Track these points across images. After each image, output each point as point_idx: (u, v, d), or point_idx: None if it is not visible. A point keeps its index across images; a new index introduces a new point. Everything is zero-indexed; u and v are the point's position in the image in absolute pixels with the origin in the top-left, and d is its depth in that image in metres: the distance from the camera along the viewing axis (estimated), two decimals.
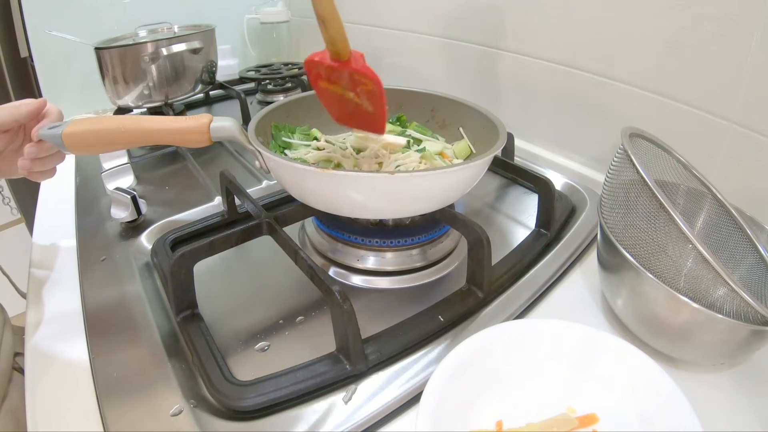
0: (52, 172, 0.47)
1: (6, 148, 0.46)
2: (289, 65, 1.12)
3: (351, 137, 0.59)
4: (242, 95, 0.91)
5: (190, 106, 1.02)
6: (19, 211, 1.42)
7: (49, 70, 0.99)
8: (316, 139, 0.57)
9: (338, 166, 0.51)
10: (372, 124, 0.47)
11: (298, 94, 0.61)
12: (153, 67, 0.84)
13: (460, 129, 0.57)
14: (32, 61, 0.98)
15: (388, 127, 0.58)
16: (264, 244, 0.49)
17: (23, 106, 0.44)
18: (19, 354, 0.55)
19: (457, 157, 0.55)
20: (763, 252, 0.44)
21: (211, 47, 0.94)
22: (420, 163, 0.51)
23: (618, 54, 0.59)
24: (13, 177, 0.48)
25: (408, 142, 0.54)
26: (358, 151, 0.54)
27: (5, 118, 0.43)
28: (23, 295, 0.53)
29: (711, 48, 0.50)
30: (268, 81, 1.06)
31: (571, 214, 0.60)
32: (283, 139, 0.55)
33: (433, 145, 0.55)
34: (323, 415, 0.36)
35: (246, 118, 0.89)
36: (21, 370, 0.53)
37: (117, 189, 0.58)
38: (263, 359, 0.41)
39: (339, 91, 0.45)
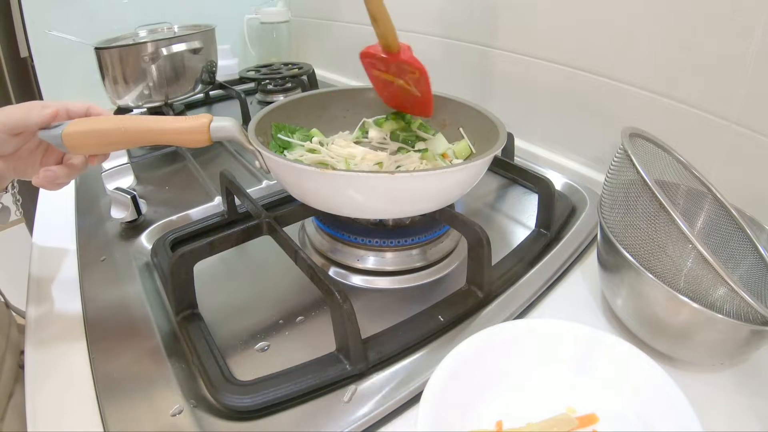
0: (67, 183, 0.47)
1: (21, 147, 0.44)
2: (289, 65, 1.12)
3: (351, 135, 0.59)
4: (242, 95, 0.91)
5: (190, 106, 1.02)
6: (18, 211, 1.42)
7: (49, 70, 0.99)
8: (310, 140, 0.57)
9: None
10: (420, 108, 0.54)
11: (298, 94, 0.61)
12: (153, 67, 0.84)
13: (460, 129, 0.57)
14: (32, 61, 0.98)
15: (392, 124, 0.59)
16: (264, 244, 0.49)
17: (35, 108, 0.42)
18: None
19: (457, 157, 0.55)
20: (763, 252, 0.44)
21: (211, 47, 0.94)
22: (420, 163, 0.51)
23: (618, 54, 0.59)
24: (27, 179, 0.47)
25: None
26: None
27: (16, 122, 0.42)
28: (21, 314, 0.53)
29: (711, 48, 0.50)
30: (268, 81, 1.05)
31: (571, 214, 0.60)
32: (280, 136, 0.55)
33: (438, 145, 0.55)
34: (323, 415, 0.36)
35: (246, 118, 0.89)
36: None
37: (117, 189, 0.58)
38: (263, 359, 0.41)
39: (390, 78, 0.51)
